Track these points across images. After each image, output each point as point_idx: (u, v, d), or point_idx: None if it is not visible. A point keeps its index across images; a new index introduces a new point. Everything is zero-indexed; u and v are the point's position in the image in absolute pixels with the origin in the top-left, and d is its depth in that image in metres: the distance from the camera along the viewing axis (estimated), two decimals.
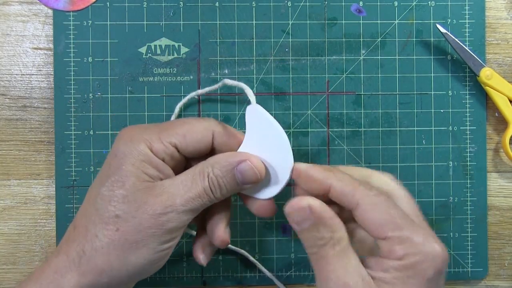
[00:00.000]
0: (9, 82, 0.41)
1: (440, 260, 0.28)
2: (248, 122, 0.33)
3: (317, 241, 0.30)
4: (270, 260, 0.42)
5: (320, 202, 0.30)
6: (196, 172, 0.32)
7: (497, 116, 0.43)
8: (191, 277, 0.41)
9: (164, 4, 0.41)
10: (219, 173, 0.32)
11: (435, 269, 0.28)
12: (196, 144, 0.32)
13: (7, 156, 0.41)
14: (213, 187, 0.32)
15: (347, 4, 0.42)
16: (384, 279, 0.28)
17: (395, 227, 0.29)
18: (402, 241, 0.29)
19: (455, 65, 0.42)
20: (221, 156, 0.32)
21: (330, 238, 0.29)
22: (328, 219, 0.30)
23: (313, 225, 0.30)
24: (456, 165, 0.42)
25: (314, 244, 0.30)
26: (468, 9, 0.42)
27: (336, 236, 0.30)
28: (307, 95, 0.42)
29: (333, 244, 0.29)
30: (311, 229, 0.30)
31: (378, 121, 0.42)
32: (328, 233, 0.29)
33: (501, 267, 0.43)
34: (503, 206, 0.43)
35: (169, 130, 0.32)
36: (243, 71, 0.42)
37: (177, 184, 0.31)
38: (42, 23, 0.41)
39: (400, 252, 0.28)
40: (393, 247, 0.29)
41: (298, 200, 0.30)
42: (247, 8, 0.42)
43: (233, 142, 0.33)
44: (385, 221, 0.29)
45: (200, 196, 0.31)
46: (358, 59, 0.42)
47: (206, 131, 0.33)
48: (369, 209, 0.29)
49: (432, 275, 0.28)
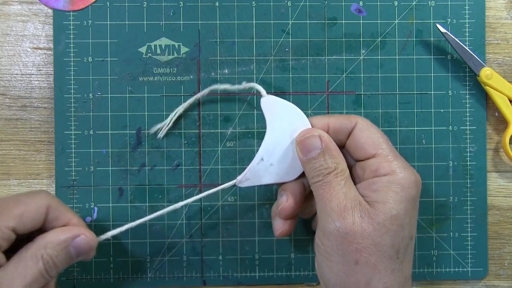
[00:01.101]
0: (9, 82, 0.41)
1: (418, 182, 0.33)
2: (266, 113, 0.36)
3: (323, 170, 0.33)
4: (270, 260, 0.42)
5: (327, 135, 0.35)
6: (28, 257, 0.31)
7: (497, 116, 0.43)
8: (191, 277, 0.41)
9: (164, 4, 0.41)
10: (53, 252, 0.32)
11: (416, 189, 0.33)
12: (32, 223, 0.32)
13: (7, 156, 0.41)
14: (49, 267, 0.31)
15: (347, 4, 0.42)
16: (376, 198, 0.32)
17: (383, 147, 0.34)
18: (388, 160, 0.33)
19: (455, 65, 0.42)
20: (52, 235, 0.32)
21: (335, 168, 0.33)
22: (334, 150, 0.34)
23: (321, 154, 0.34)
24: (456, 165, 0.42)
25: (320, 173, 0.33)
26: (468, 9, 0.42)
27: (340, 167, 0.33)
28: (307, 95, 0.42)
29: (336, 173, 0.33)
30: (319, 157, 0.34)
31: (378, 121, 0.42)
32: (333, 163, 0.33)
33: (501, 267, 0.43)
34: (503, 206, 0.43)
35: (4, 214, 0.31)
36: (243, 71, 0.42)
37: (11, 274, 0.30)
38: (42, 23, 0.41)
39: (387, 168, 0.33)
40: (381, 164, 0.33)
41: (310, 130, 0.35)
42: (247, 8, 0.42)
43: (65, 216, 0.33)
44: (376, 140, 0.34)
45: (36, 280, 0.31)
46: (358, 59, 0.42)
47: (42, 207, 0.32)
48: (364, 128, 0.35)
49: (414, 195, 0.33)
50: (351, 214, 0.31)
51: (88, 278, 0.41)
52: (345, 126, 0.35)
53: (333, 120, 0.35)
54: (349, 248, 0.31)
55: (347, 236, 0.31)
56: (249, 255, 0.42)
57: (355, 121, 0.35)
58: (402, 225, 0.32)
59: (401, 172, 0.33)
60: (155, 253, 0.41)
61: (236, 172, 0.41)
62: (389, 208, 0.32)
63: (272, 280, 0.42)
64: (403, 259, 0.32)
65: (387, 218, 0.31)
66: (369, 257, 0.31)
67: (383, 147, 0.34)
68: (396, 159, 0.33)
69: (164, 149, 0.41)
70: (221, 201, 0.41)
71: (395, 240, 0.32)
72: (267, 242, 0.42)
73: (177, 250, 0.41)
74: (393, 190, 0.32)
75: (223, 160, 0.41)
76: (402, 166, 0.33)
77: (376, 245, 0.31)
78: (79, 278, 0.41)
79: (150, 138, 0.41)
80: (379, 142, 0.34)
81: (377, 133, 0.35)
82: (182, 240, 0.41)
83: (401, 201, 0.32)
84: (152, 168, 0.41)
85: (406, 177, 0.33)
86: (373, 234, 0.31)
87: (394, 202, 0.32)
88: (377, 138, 0.34)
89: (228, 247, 0.42)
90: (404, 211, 0.32)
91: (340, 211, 0.32)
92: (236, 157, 0.41)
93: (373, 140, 0.34)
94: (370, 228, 0.31)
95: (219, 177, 0.41)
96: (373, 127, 0.35)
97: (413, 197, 0.33)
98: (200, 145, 0.41)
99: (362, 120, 0.35)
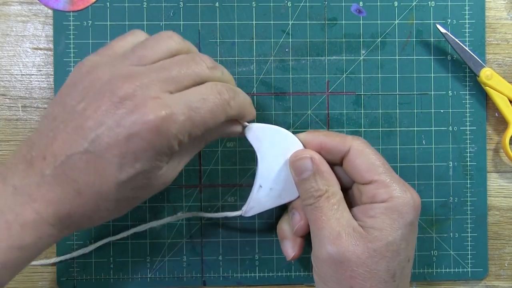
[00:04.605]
0: (9, 82, 0.41)
1: (417, 206, 0.33)
2: (253, 141, 0.35)
3: (314, 192, 0.33)
4: (270, 260, 0.42)
5: (320, 156, 0.34)
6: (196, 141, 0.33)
7: (497, 116, 0.43)
8: (191, 277, 0.41)
9: (164, 4, 0.41)
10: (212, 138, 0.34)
11: (414, 213, 0.32)
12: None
13: (7, 156, 0.41)
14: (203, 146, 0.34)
15: (347, 4, 0.42)
16: (372, 225, 0.31)
17: (380, 172, 0.33)
18: (385, 185, 0.32)
19: (455, 65, 0.42)
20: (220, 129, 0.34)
21: (325, 190, 0.33)
22: (325, 172, 0.34)
23: (312, 176, 0.33)
24: (456, 165, 0.42)
25: (311, 195, 0.33)
26: (468, 9, 0.42)
27: (331, 190, 0.33)
28: (307, 95, 0.42)
29: (327, 196, 0.33)
30: (310, 179, 0.33)
31: (378, 121, 0.42)
32: (324, 186, 0.33)
33: (501, 267, 0.43)
34: (503, 206, 0.43)
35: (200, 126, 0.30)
36: (243, 71, 0.42)
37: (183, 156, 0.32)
38: (42, 23, 0.41)
39: (385, 195, 0.32)
40: (378, 190, 0.32)
41: (302, 152, 0.35)
42: (247, 8, 0.42)
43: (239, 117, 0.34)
44: (372, 165, 0.33)
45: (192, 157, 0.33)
46: (358, 59, 0.42)
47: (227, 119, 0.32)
48: (359, 154, 0.33)
49: (412, 219, 0.32)
50: (345, 241, 0.31)
51: (88, 278, 0.41)
52: (339, 149, 0.34)
53: (327, 141, 0.35)
54: (344, 275, 0.31)
55: (340, 265, 0.31)
56: (249, 255, 0.42)
57: (349, 145, 0.34)
58: (397, 251, 0.31)
59: (399, 198, 0.32)
60: (155, 253, 0.41)
61: (236, 173, 0.41)
62: (385, 235, 0.31)
63: (272, 281, 0.42)
64: (400, 282, 0.32)
65: (383, 245, 0.31)
66: (364, 283, 0.31)
67: (380, 171, 0.33)
68: (394, 183, 0.32)
69: None
70: (221, 201, 0.41)
71: (390, 265, 0.31)
72: (267, 242, 0.42)
73: (177, 250, 0.41)
74: (390, 218, 0.31)
75: (223, 160, 0.41)
76: (400, 190, 0.32)
77: (371, 271, 0.31)
78: (79, 278, 0.41)
79: None
80: (376, 166, 0.33)
81: (372, 156, 0.33)
82: (182, 240, 0.41)
83: (398, 228, 0.31)
84: None
85: (404, 203, 0.32)
86: (368, 261, 0.31)
87: (391, 229, 0.31)
88: (373, 162, 0.33)
89: (228, 248, 0.42)
90: (400, 236, 0.31)
91: (333, 239, 0.31)
92: (236, 158, 0.41)
93: (368, 165, 0.33)
94: (365, 255, 0.31)
95: (219, 178, 0.41)
96: (369, 150, 0.34)
97: (411, 221, 0.32)
98: None
99: (357, 143, 0.34)
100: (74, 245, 0.41)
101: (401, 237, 0.31)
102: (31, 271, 0.41)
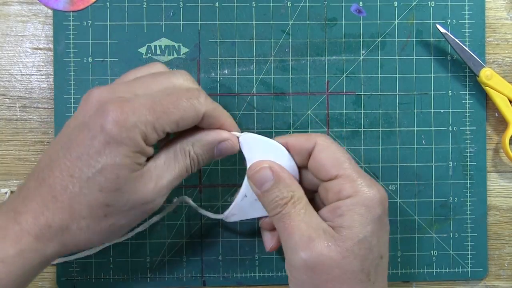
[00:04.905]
0: (9, 82, 0.41)
1: (384, 200, 0.32)
2: (244, 150, 0.35)
3: (279, 200, 0.32)
4: (270, 260, 0.42)
5: (278, 165, 0.34)
6: (177, 151, 0.32)
7: (497, 116, 0.43)
8: (191, 277, 0.41)
9: (164, 4, 0.41)
10: (200, 151, 0.33)
11: (381, 207, 0.32)
12: (186, 127, 0.32)
13: (7, 156, 0.41)
14: (193, 164, 0.33)
15: (347, 4, 0.42)
16: (341, 223, 0.31)
17: (345, 167, 0.32)
18: (351, 180, 0.32)
19: (455, 65, 0.42)
20: (202, 135, 0.33)
21: (291, 197, 0.32)
22: (287, 178, 0.33)
23: (274, 185, 0.33)
24: (456, 165, 0.42)
25: (277, 204, 0.32)
26: (468, 9, 0.42)
27: (296, 195, 0.33)
28: (307, 95, 0.42)
29: (293, 202, 0.32)
30: (273, 188, 0.33)
31: (378, 121, 0.42)
32: (289, 192, 0.33)
33: (501, 267, 0.43)
34: (503, 206, 0.43)
35: (165, 118, 0.30)
36: (243, 71, 0.42)
37: (161, 167, 0.31)
38: (42, 23, 0.41)
39: (350, 189, 0.32)
40: (343, 185, 0.32)
41: (259, 163, 0.34)
42: (247, 8, 0.42)
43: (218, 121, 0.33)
44: (337, 160, 0.33)
45: (181, 175, 0.32)
46: (358, 59, 0.42)
47: (199, 115, 0.31)
48: (324, 149, 0.33)
49: (380, 214, 0.32)
50: (317, 244, 0.31)
51: (88, 278, 0.41)
52: (304, 147, 0.34)
53: (292, 141, 0.34)
54: (320, 280, 0.31)
55: (315, 269, 0.31)
56: (249, 255, 0.42)
57: (314, 141, 0.33)
58: (370, 248, 0.31)
59: (365, 192, 0.31)
60: (155, 253, 0.41)
61: (236, 173, 0.41)
62: (356, 233, 0.31)
63: (272, 281, 0.42)
64: (375, 280, 0.32)
65: (355, 243, 0.30)
66: (340, 285, 0.30)
67: (345, 166, 0.32)
68: (360, 178, 0.32)
69: None
70: (221, 201, 0.41)
71: (364, 264, 0.31)
72: None
73: (177, 250, 0.41)
74: (358, 213, 0.31)
75: (223, 160, 0.41)
76: (365, 184, 0.32)
77: (346, 272, 0.30)
78: (79, 278, 0.41)
79: None
80: (341, 161, 0.33)
81: (338, 152, 0.33)
82: (182, 240, 0.41)
83: (367, 223, 0.31)
84: None
85: (370, 197, 0.31)
86: (342, 262, 0.30)
87: (360, 225, 0.31)
88: (338, 158, 0.33)
89: (228, 248, 0.42)
90: (370, 233, 0.31)
91: (305, 243, 0.31)
92: (236, 158, 0.41)
93: (333, 160, 0.33)
94: (338, 256, 0.30)
95: (219, 178, 0.41)
96: (334, 146, 0.33)
97: (379, 216, 0.31)
98: None
99: (321, 139, 0.34)
100: None
101: (371, 233, 0.31)
102: None
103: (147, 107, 0.29)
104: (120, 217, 0.31)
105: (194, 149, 0.33)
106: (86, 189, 0.29)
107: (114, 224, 0.31)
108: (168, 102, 0.30)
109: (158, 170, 0.31)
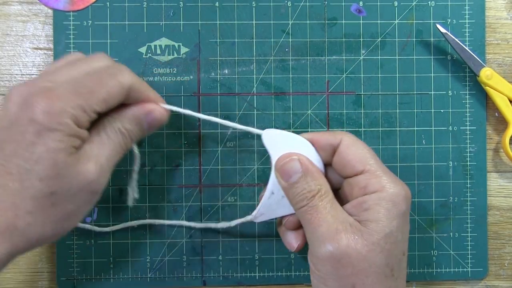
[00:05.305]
0: (9, 82, 0.41)
1: (409, 198, 0.33)
2: (268, 146, 0.35)
3: (306, 193, 0.33)
4: (270, 260, 0.42)
5: (307, 158, 0.34)
6: (107, 129, 0.32)
7: (497, 116, 0.43)
8: (191, 277, 0.41)
9: (164, 4, 0.41)
10: (129, 126, 0.33)
11: (406, 204, 0.32)
12: (114, 104, 0.32)
13: None
14: (125, 140, 0.33)
15: (347, 4, 0.42)
16: (368, 217, 0.31)
17: (371, 163, 0.33)
18: (377, 176, 0.33)
19: (455, 65, 0.42)
20: (129, 110, 0.33)
21: (318, 190, 0.33)
22: (315, 172, 0.34)
23: (302, 177, 0.33)
24: (456, 165, 0.42)
25: (304, 197, 0.33)
26: (468, 9, 0.42)
27: (323, 189, 0.33)
28: (307, 95, 0.42)
29: (320, 196, 0.33)
30: (301, 181, 0.33)
31: (378, 121, 0.42)
32: (316, 185, 0.33)
33: (501, 267, 0.43)
34: (503, 206, 0.43)
35: (92, 98, 0.30)
36: (243, 71, 0.42)
37: (96, 146, 0.32)
38: (42, 23, 0.41)
39: (377, 185, 0.32)
40: (370, 180, 0.32)
41: (288, 155, 0.34)
42: (247, 8, 0.42)
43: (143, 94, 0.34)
44: (363, 156, 0.33)
45: (117, 152, 0.33)
46: (358, 59, 0.42)
47: (124, 89, 0.32)
48: (351, 144, 0.34)
49: (405, 210, 0.32)
50: (344, 237, 0.31)
51: (88, 278, 0.41)
52: (330, 143, 0.34)
53: (318, 137, 0.35)
54: (345, 272, 0.31)
55: (341, 261, 0.31)
56: (249, 255, 0.42)
57: (340, 138, 0.34)
58: (395, 243, 0.31)
59: (391, 188, 0.32)
60: (155, 253, 0.41)
61: (236, 173, 0.41)
62: (382, 227, 0.31)
63: (272, 280, 0.42)
64: (398, 276, 0.32)
65: (382, 237, 0.31)
66: (365, 279, 0.31)
67: (371, 162, 0.33)
68: (385, 174, 0.33)
69: (164, 149, 0.41)
70: (221, 201, 0.41)
71: (389, 259, 0.31)
72: (267, 242, 0.42)
73: (177, 250, 0.41)
74: (384, 208, 0.31)
75: (223, 160, 0.41)
76: (391, 181, 0.32)
77: (372, 266, 0.31)
78: (79, 278, 0.41)
79: (150, 138, 0.41)
80: (367, 157, 0.33)
81: (364, 148, 0.34)
82: (182, 240, 0.41)
83: (393, 218, 0.31)
84: (152, 168, 0.41)
85: (396, 193, 0.32)
86: (369, 255, 0.31)
87: (387, 219, 0.31)
88: (364, 154, 0.33)
89: (228, 247, 0.42)
90: (396, 228, 0.31)
91: (332, 235, 0.31)
92: (236, 158, 0.41)
93: (360, 156, 0.33)
94: (365, 249, 0.31)
95: (219, 178, 0.41)
96: (360, 143, 0.34)
97: (404, 212, 0.32)
98: (200, 145, 0.41)
99: (347, 136, 0.34)
100: (74, 245, 0.41)
101: (397, 228, 0.31)
102: (31, 271, 0.41)
103: (72, 91, 0.30)
104: (68, 203, 0.30)
105: (123, 125, 0.33)
106: (27, 182, 0.29)
107: (63, 212, 0.30)
108: (92, 82, 0.31)
109: (94, 149, 0.31)
